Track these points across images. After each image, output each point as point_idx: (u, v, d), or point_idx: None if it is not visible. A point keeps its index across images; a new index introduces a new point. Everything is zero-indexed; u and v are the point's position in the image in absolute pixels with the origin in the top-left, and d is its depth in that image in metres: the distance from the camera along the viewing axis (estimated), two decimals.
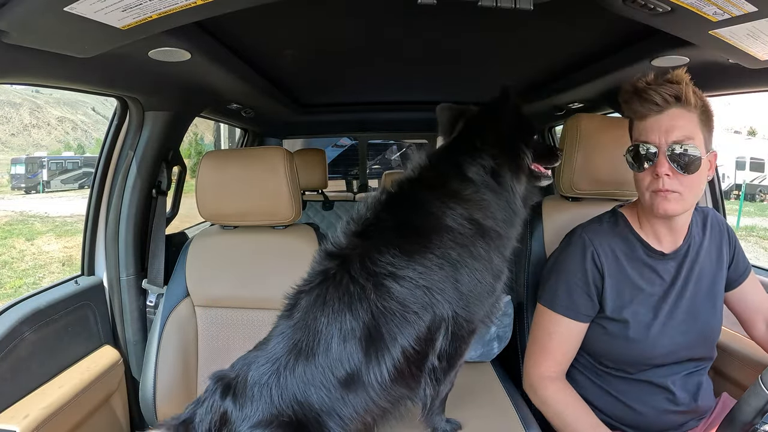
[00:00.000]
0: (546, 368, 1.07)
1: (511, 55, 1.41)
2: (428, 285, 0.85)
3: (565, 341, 1.06)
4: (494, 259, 0.90)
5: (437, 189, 0.90)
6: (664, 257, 1.05)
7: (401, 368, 0.84)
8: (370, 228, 0.90)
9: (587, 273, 1.04)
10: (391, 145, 5.76)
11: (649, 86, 0.95)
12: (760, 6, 0.68)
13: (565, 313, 1.05)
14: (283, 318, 0.90)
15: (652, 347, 1.02)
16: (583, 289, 1.05)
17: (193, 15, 0.71)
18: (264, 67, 1.45)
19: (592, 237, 1.07)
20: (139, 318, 1.46)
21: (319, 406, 0.82)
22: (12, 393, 1.07)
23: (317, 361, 0.83)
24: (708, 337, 1.07)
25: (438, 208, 0.88)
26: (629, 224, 1.08)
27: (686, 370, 1.05)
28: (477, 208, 0.89)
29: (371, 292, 0.83)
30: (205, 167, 1.29)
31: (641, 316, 1.03)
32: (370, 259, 0.85)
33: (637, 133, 1.00)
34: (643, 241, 1.06)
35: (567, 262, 1.08)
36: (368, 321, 0.83)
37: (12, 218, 13.18)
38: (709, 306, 1.06)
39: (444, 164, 0.93)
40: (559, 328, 1.06)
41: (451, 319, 0.87)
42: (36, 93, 39.95)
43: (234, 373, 0.87)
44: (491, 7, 0.72)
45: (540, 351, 1.09)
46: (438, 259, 0.85)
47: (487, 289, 0.90)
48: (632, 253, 1.06)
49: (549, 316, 1.07)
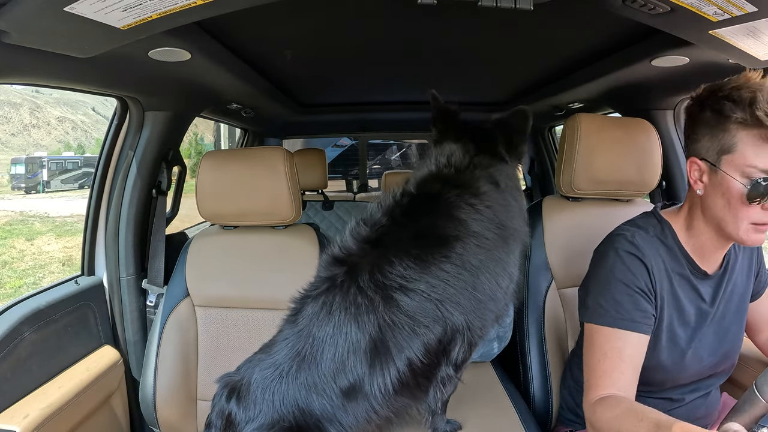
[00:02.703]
0: (596, 393, 0.89)
1: (511, 55, 1.41)
2: (441, 298, 0.83)
3: (625, 357, 0.90)
4: (510, 262, 0.90)
5: (467, 191, 0.88)
6: (706, 278, 0.96)
7: (406, 380, 0.84)
8: (385, 235, 0.87)
9: (643, 279, 0.93)
10: (391, 145, 5.76)
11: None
12: (760, 6, 0.69)
13: (628, 327, 0.90)
14: (288, 323, 0.90)
15: (684, 369, 0.96)
16: (642, 296, 0.92)
17: (193, 15, 0.71)
18: (264, 67, 1.45)
19: (641, 243, 0.94)
20: (139, 318, 1.46)
21: (320, 413, 0.82)
22: (12, 393, 1.07)
23: (320, 370, 0.82)
24: (733, 354, 1.01)
25: (467, 214, 0.86)
26: (676, 237, 0.96)
27: (705, 388, 1.02)
28: (504, 212, 0.89)
29: (379, 305, 0.82)
30: (205, 167, 1.29)
31: (679, 339, 0.95)
32: (381, 270, 0.83)
33: (756, 158, 0.81)
34: (689, 259, 0.96)
35: (617, 269, 0.93)
36: (374, 334, 0.82)
37: (12, 218, 13.18)
38: (737, 323, 1.00)
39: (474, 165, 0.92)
40: (615, 344, 0.90)
41: (466, 329, 0.86)
42: (36, 93, 39.95)
43: (239, 376, 0.87)
44: (491, 7, 0.71)
45: (591, 378, 0.92)
46: (457, 268, 0.83)
47: (503, 292, 0.89)
48: (678, 269, 0.96)
49: (603, 334, 0.92)
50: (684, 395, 1.00)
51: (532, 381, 1.27)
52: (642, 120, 1.28)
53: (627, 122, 1.32)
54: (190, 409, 1.28)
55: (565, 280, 1.30)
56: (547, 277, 1.30)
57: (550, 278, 1.30)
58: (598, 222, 1.13)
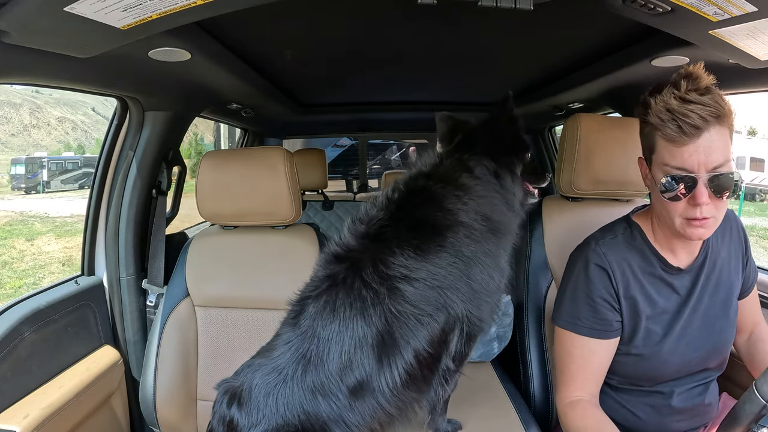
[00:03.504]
0: (567, 394, 1.00)
1: (511, 55, 1.41)
2: (442, 285, 0.84)
3: (589, 362, 0.99)
4: (501, 256, 0.92)
5: (450, 184, 0.90)
6: (680, 272, 0.99)
7: (414, 372, 0.84)
8: (385, 228, 0.88)
9: (606, 289, 0.98)
10: (391, 145, 5.76)
11: (685, 103, 0.82)
12: (760, 6, 0.68)
13: (589, 333, 0.98)
14: (289, 325, 0.88)
15: (664, 364, 0.99)
16: (604, 306, 0.98)
17: (193, 15, 0.71)
18: (264, 67, 1.45)
19: (606, 251, 1.00)
20: (139, 318, 1.46)
21: (327, 415, 0.81)
22: (12, 393, 1.07)
23: (327, 370, 0.82)
24: (722, 348, 1.03)
25: (453, 204, 0.88)
26: (646, 237, 1.01)
27: (697, 381, 1.03)
28: (487, 205, 0.90)
29: (385, 297, 0.82)
30: (205, 167, 1.29)
31: (653, 334, 0.98)
32: (383, 262, 0.84)
33: (668, 157, 0.86)
34: (660, 257, 0.99)
35: (581, 280, 1.00)
36: (382, 327, 0.82)
37: (12, 218, 13.19)
38: (723, 317, 1.01)
39: (453, 162, 0.94)
40: (581, 350, 0.99)
41: (465, 318, 0.87)
42: (36, 93, 39.97)
43: (238, 382, 0.87)
44: (491, 7, 0.71)
45: (561, 377, 1.02)
46: (451, 257, 0.85)
47: (495, 286, 0.91)
48: (649, 269, 0.99)
49: (570, 339, 1.00)
50: (673, 388, 1.01)
51: (532, 381, 1.27)
52: None
53: (627, 122, 1.31)
54: (190, 409, 1.28)
55: None
56: (547, 277, 1.30)
57: (550, 278, 1.30)
58: (598, 222, 1.12)
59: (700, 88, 0.83)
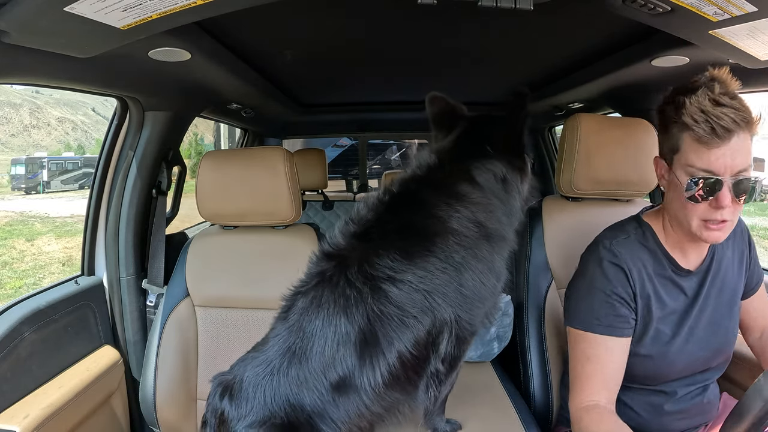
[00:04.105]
0: (582, 398, 0.96)
1: (511, 55, 1.41)
2: (429, 289, 0.83)
3: (606, 362, 0.96)
4: (496, 261, 0.90)
5: (444, 191, 0.89)
6: (689, 274, 0.99)
7: (397, 373, 0.84)
8: (371, 230, 0.89)
9: (623, 287, 0.97)
10: (391, 145, 5.76)
11: (718, 106, 0.82)
12: (760, 6, 0.69)
13: (606, 332, 0.96)
14: (279, 320, 0.90)
15: (670, 365, 0.99)
16: (621, 303, 0.97)
17: (193, 15, 0.71)
18: (264, 67, 1.45)
19: (621, 251, 0.98)
20: (139, 318, 1.46)
21: (311, 409, 0.82)
22: (12, 393, 1.07)
23: (310, 365, 0.83)
24: (727, 348, 1.03)
25: (444, 211, 0.87)
26: (657, 238, 1.00)
27: (700, 381, 1.03)
28: (483, 212, 0.89)
29: (368, 296, 0.82)
30: (205, 167, 1.29)
31: (662, 335, 0.98)
32: (369, 262, 0.84)
33: (694, 158, 0.86)
34: (670, 258, 0.99)
35: (597, 278, 0.99)
36: (364, 325, 0.82)
37: (12, 219, 13.19)
38: (728, 317, 1.02)
39: (453, 166, 0.92)
40: (597, 350, 0.96)
41: (454, 323, 0.86)
42: (36, 93, 39.97)
43: (231, 375, 0.88)
44: (491, 7, 0.71)
45: (576, 380, 0.99)
46: (441, 262, 0.84)
47: (489, 291, 0.90)
48: (660, 270, 0.99)
49: (586, 339, 0.98)
50: (677, 389, 1.02)
51: (532, 381, 1.27)
52: (642, 120, 1.28)
53: (627, 122, 1.32)
54: (190, 409, 1.28)
55: (565, 280, 1.29)
56: (547, 277, 1.30)
57: (550, 278, 1.30)
58: (598, 222, 1.12)
59: (729, 92, 0.84)
